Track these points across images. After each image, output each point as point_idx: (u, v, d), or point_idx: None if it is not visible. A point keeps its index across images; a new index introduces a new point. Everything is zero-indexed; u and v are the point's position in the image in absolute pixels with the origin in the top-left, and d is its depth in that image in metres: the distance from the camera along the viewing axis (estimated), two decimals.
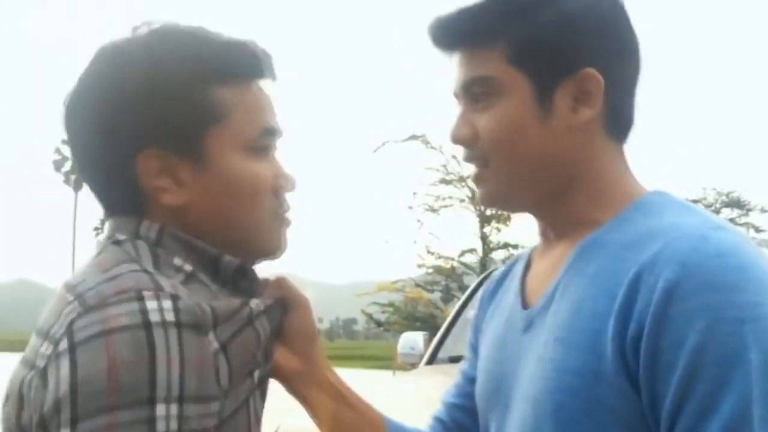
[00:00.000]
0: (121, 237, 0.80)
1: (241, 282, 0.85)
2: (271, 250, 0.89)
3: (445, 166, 16.38)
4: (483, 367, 0.97)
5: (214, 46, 0.83)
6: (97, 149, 0.81)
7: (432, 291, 17.82)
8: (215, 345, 0.73)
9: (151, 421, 0.65)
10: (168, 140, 0.79)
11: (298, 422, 2.97)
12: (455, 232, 25.25)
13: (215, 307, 0.75)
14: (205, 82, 0.80)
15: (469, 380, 1.06)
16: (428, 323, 15.63)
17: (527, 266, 0.96)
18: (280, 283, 0.94)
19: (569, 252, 0.85)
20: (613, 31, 0.85)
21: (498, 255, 16.69)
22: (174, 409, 0.66)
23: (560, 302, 0.82)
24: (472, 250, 17.13)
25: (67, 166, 59.13)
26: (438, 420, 1.10)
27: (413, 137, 16.50)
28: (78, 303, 0.70)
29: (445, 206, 16.87)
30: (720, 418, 0.66)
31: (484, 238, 16.91)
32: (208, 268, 0.82)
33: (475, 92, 0.85)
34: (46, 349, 0.71)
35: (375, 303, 19.33)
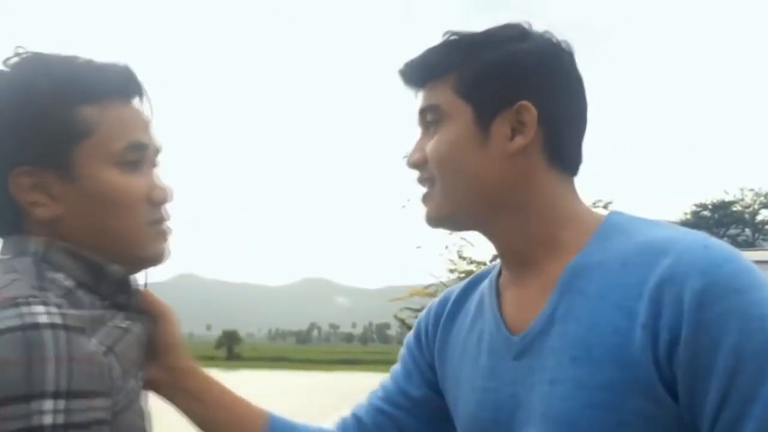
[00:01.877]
0: (6, 256, 0.87)
1: (120, 294, 0.90)
2: (150, 258, 0.93)
3: None
4: (471, 397, 0.97)
5: (78, 70, 0.89)
6: None
7: None
8: (102, 348, 0.80)
9: (39, 413, 0.71)
10: (38, 158, 0.85)
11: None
12: None
13: (91, 317, 0.82)
14: (69, 102, 0.86)
15: (402, 392, 1.10)
16: None
17: (497, 294, 0.99)
18: (147, 295, 0.99)
19: (553, 277, 0.89)
20: (553, 71, 0.92)
21: None
22: (61, 403, 0.72)
23: (566, 323, 0.85)
24: None
25: None
26: (356, 418, 1.12)
27: None
28: None
29: None
30: (762, 405, 0.73)
31: None
32: (94, 278, 0.87)
33: (427, 120, 0.95)
34: None
35: (407, 308, 19.36)
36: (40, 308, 0.75)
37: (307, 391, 25.72)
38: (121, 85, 0.91)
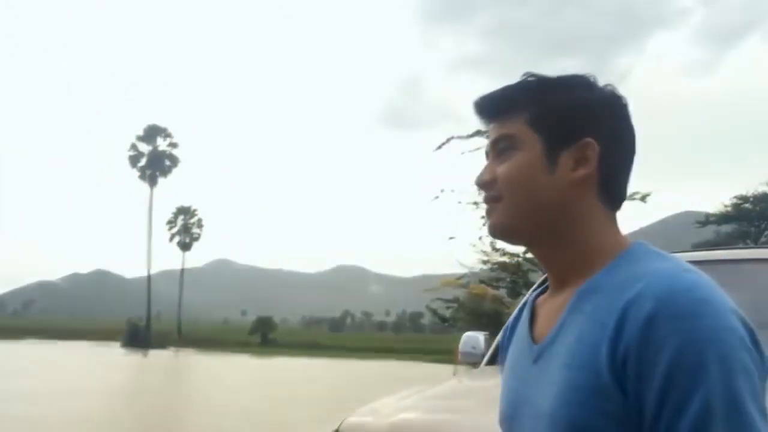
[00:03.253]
0: None
1: None
2: None
3: None
4: (503, 394, 1.15)
5: None
6: None
7: (497, 287, 17.75)
8: None
9: None
10: None
11: (359, 419, 3.09)
12: None
13: None
14: None
15: None
16: (493, 319, 15.58)
17: (533, 311, 1.16)
18: None
19: (570, 297, 1.04)
20: (614, 118, 1.08)
21: None
22: None
23: (565, 336, 1.01)
24: None
25: (143, 161, 61.12)
26: None
27: (478, 133, 16.44)
28: None
29: None
30: (689, 417, 0.86)
31: None
32: None
33: (500, 147, 1.09)
34: None
35: (439, 299, 19.38)
36: None
37: (340, 378, 25.93)
38: None
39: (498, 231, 1.10)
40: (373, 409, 3.21)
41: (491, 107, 1.11)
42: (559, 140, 1.06)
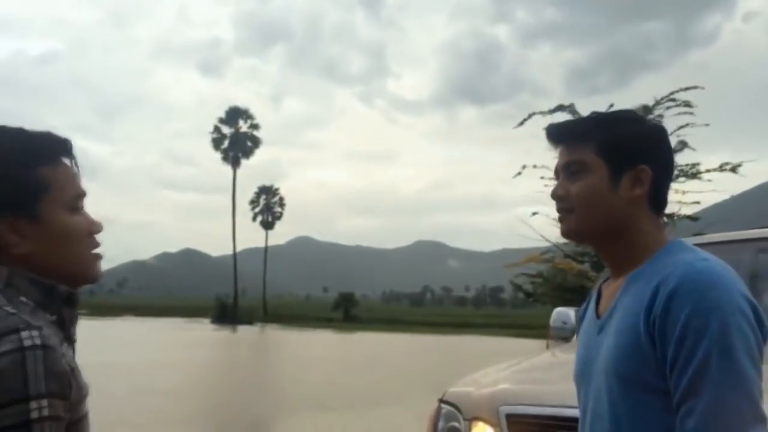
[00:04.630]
0: None
1: (67, 307, 1.17)
2: (92, 278, 1.22)
3: None
4: (576, 358, 1.50)
5: (28, 138, 1.16)
6: None
7: (582, 262, 17.57)
8: (68, 367, 1.05)
9: (27, 412, 0.98)
10: (13, 209, 1.12)
11: (462, 389, 3.31)
12: None
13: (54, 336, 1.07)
14: (30, 165, 1.13)
15: None
16: (578, 294, 15.50)
17: (599, 294, 1.50)
18: None
19: (623, 283, 1.39)
20: (661, 146, 1.43)
21: None
22: (44, 402, 0.99)
23: (618, 312, 1.36)
24: None
25: (225, 144, 62.39)
26: None
27: (560, 108, 16.30)
28: None
29: None
30: (694, 363, 1.20)
31: None
32: (45, 298, 1.13)
33: (571, 170, 1.42)
34: None
35: (523, 274, 19.29)
36: (26, 333, 1.02)
37: (422, 354, 26.11)
38: (61, 149, 1.19)
39: (571, 235, 1.45)
40: (473, 379, 3.41)
41: (563, 135, 1.45)
42: (621, 167, 1.38)
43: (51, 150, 1.18)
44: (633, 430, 1.29)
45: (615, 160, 1.38)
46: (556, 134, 1.46)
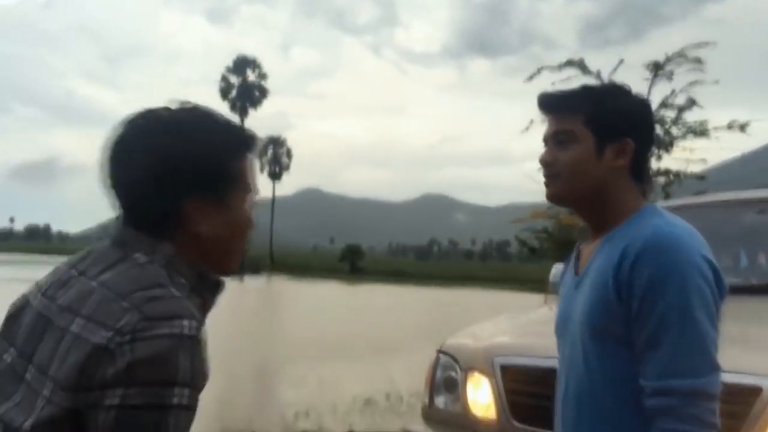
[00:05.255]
0: (140, 256, 1.11)
1: (209, 293, 1.18)
2: (232, 270, 1.24)
3: None
4: (557, 312, 1.65)
5: (231, 128, 1.20)
6: (156, 188, 1.12)
7: None
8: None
9: (170, 396, 0.99)
10: (210, 193, 1.15)
11: (459, 341, 3.40)
12: None
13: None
14: (233, 154, 1.18)
15: None
16: None
17: (578, 253, 1.64)
18: None
19: (599, 244, 1.52)
20: (645, 120, 1.57)
21: (656, 181, 16.17)
22: (186, 391, 1.00)
23: (592, 269, 1.50)
24: None
25: (233, 93, 62.13)
26: None
27: (570, 63, 16.11)
28: (138, 312, 1.02)
29: None
30: (654, 319, 1.34)
31: None
32: (200, 283, 1.16)
33: (560, 138, 1.52)
34: (108, 334, 1.00)
35: (528, 229, 19.31)
36: (185, 322, 1.03)
37: (427, 306, 26.32)
38: (252, 144, 1.23)
39: (555, 198, 1.58)
40: (471, 332, 3.50)
41: (554, 105, 1.54)
42: (607, 138, 1.49)
43: (247, 144, 1.22)
44: (603, 376, 1.43)
45: (602, 132, 1.49)
46: (547, 104, 1.55)
